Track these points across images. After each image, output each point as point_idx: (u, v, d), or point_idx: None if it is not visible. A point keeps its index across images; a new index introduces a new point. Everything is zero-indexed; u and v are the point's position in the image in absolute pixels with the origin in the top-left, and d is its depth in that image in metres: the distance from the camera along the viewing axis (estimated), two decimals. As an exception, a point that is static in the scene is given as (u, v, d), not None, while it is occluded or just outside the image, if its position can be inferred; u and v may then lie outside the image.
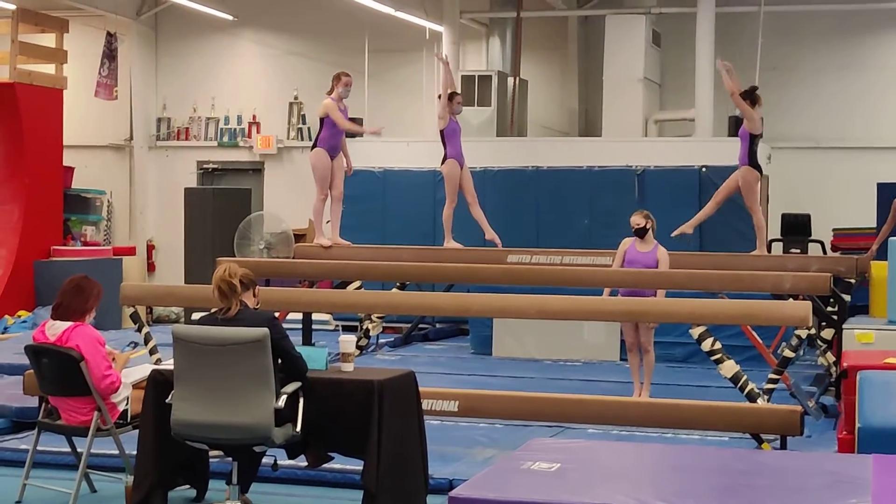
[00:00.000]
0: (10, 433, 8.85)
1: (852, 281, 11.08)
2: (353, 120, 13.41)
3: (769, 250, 15.51)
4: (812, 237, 15.84)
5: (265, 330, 6.26)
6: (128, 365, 7.39)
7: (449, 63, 13.22)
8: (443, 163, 12.62)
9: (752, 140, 11.80)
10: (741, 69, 16.86)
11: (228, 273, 6.54)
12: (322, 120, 12.08)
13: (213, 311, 6.61)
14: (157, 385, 6.62)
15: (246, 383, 6.25)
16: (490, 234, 12.69)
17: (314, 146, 12.13)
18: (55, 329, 7.00)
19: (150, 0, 18.87)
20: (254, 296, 6.70)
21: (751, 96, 11.84)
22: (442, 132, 12.56)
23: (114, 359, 7.18)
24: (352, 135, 13.55)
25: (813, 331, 9.84)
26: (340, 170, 12.24)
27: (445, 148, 12.56)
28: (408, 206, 15.74)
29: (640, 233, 10.48)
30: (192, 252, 16.10)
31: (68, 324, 6.99)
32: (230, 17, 18.43)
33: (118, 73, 17.67)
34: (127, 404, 7.06)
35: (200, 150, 19.05)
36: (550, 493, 4.68)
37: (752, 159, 11.86)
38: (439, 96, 13.01)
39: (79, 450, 7.17)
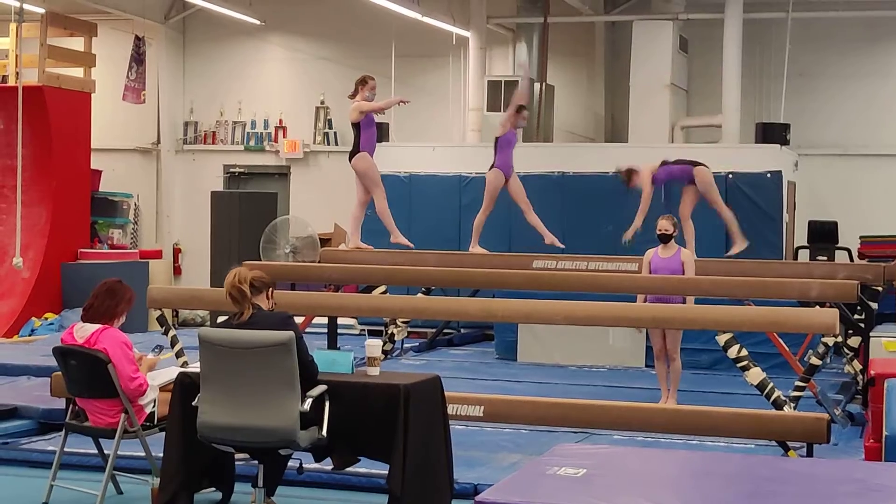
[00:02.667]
0: (37, 434, 8.89)
1: (879, 289, 11.03)
2: (378, 125, 13.47)
3: (796, 257, 15.50)
4: (839, 244, 15.76)
5: (291, 333, 6.27)
6: (155, 368, 7.41)
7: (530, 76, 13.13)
8: (490, 169, 12.59)
9: None
10: (769, 75, 16.91)
11: (238, 279, 6.59)
12: (357, 124, 12.00)
13: (228, 316, 6.65)
14: (184, 388, 6.65)
15: (272, 386, 6.27)
16: (549, 238, 12.61)
17: (356, 152, 12.02)
18: (83, 331, 7.02)
19: (179, 4, 18.95)
20: (267, 298, 6.72)
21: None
22: (497, 139, 12.52)
23: (141, 361, 7.20)
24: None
25: (839, 338, 9.80)
26: None
27: (496, 155, 12.52)
28: (433, 210, 15.73)
29: (665, 239, 10.46)
30: (218, 256, 16.14)
31: (97, 326, 7.02)
32: (257, 22, 18.48)
33: (146, 76, 17.79)
34: (154, 406, 7.07)
35: (227, 153, 19.14)
36: (577, 499, 4.68)
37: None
38: (509, 106, 12.92)
39: (105, 451, 7.20)
